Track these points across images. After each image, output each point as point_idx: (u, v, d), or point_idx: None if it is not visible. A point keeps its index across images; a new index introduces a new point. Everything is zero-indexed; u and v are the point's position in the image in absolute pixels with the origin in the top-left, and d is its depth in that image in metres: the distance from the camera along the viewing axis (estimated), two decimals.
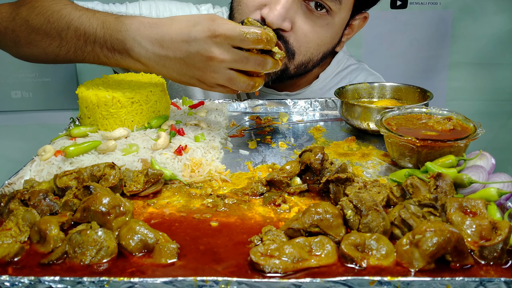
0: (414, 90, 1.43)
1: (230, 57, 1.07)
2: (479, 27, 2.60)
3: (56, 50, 1.22)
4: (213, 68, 1.08)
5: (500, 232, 0.73)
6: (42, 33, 1.22)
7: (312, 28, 1.41)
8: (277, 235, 0.78)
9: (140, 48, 1.10)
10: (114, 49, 1.13)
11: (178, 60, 1.09)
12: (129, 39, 1.11)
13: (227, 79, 1.10)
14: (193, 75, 1.11)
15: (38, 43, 1.24)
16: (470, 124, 1.11)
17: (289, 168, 1.01)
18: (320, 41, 1.46)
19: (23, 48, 1.30)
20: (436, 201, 0.87)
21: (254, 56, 1.08)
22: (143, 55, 1.10)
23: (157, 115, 1.25)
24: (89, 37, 1.15)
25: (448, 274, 0.70)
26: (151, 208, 0.93)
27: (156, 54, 1.10)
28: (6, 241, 0.77)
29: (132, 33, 1.10)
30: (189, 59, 1.08)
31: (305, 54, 1.45)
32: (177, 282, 0.67)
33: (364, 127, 1.32)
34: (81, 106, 1.23)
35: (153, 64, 1.12)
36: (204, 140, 1.18)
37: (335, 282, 0.67)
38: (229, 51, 1.06)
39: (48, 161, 1.06)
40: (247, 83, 1.12)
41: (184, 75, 1.11)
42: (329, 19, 1.42)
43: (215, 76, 1.09)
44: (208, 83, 1.12)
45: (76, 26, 1.16)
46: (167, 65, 1.11)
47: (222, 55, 1.06)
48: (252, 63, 1.09)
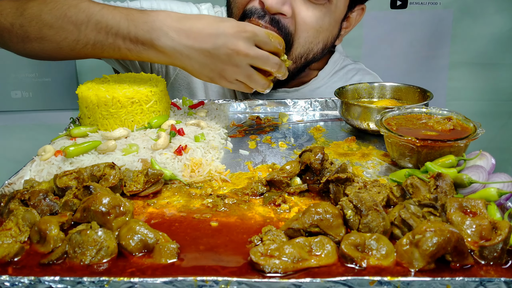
0: (414, 90, 1.43)
1: (254, 53, 1.14)
2: (479, 27, 2.60)
3: (73, 44, 1.22)
4: (236, 61, 1.14)
5: (500, 232, 0.73)
6: (57, 27, 1.22)
7: (312, 13, 1.40)
8: (277, 235, 0.78)
9: (166, 38, 1.13)
10: (138, 40, 1.15)
11: (204, 51, 1.13)
12: (155, 28, 1.14)
13: (247, 75, 1.17)
14: (215, 67, 1.15)
15: (51, 37, 1.24)
16: (470, 124, 1.11)
17: (289, 168, 1.01)
18: (319, 27, 1.44)
19: (32, 44, 1.28)
20: (436, 201, 0.87)
21: (273, 56, 1.17)
22: (169, 44, 1.13)
23: (157, 115, 1.25)
24: (111, 29, 1.17)
25: (448, 274, 0.70)
26: (151, 208, 0.93)
27: (182, 44, 1.13)
28: (6, 241, 0.77)
29: (159, 23, 1.14)
30: (215, 51, 1.13)
31: (304, 44, 1.44)
32: (177, 282, 0.67)
33: (364, 127, 1.32)
34: (81, 106, 1.23)
35: (177, 55, 1.15)
36: (204, 140, 1.18)
37: (335, 282, 0.67)
38: (253, 47, 1.14)
39: (48, 161, 1.06)
40: (263, 82, 1.21)
41: (206, 67, 1.16)
42: (328, 7, 1.42)
43: (236, 70, 1.15)
44: (228, 78, 1.18)
45: (97, 19, 1.18)
46: (191, 56, 1.14)
47: (247, 50, 1.13)
48: (271, 63, 1.18)
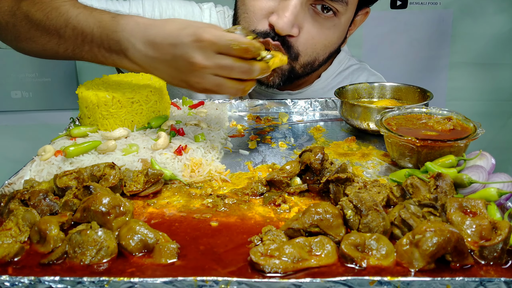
0: (414, 90, 1.43)
1: (213, 64, 1.02)
2: (479, 27, 2.60)
3: (55, 48, 1.21)
4: (197, 74, 1.05)
5: (500, 232, 0.73)
6: (41, 30, 1.21)
7: (320, 30, 1.43)
8: (277, 235, 0.78)
9: (134, 50, 1.08)
10: (111, 49, 1.11)
11: (167, 63, 1.06)
12: (124, 40, 1.09)
13: (214, 85, 1.06)
14: (181, 79, 1.08)
15: (37, 39, 1.23)
16: (470, 124, 1.11)
17: (289, 168, 1.01)
18: (327, 42, 1.48)
19: (23, 43, 1.29)
20: (436, 201, 0.87)
21: (239, 63, 1.03)
22: (137, 56, 1.09)
23: (157, 115, 1.25)
24: (87, 36, 1.13)
25: (448, 274, 0.70)
26: (151, 208, 0.93)
27: (148, 56, 1.07)
28: (6, 241, 0.77)
29: (127, 34, 1.08)
30: (175, 63, 1.05)
31: (311, 55, 1.47)
32: (177, 282, 0.67)
33: (364, 127, 1.32)
34: (81, 106, 1.23)
35: (146, 66, 1.10)
36: (204, 140, 1.18)
37: (335, 282, 0.67)
38: (213, 57, 1.02)
39: (48, 161, 1.06)
40: (236, 88, 1.08)
41: (174, 78, 1.09)
42: (335, 21, 1.44)
43: (200, 81, 1.06)
44: (196, 88, 1.09)
45: (74, 24, 1.15)
46: (158, 68, 1.08)
47: (204, 62, 1.02)
48: (237, 71, 1.04)
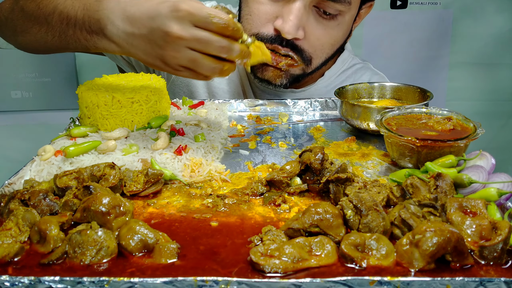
0: (414, 90, 1.43)
1: (189, 35, 0.98)
2: (479, 27, 2.60)
3: (44, 36, 1.21)
4: (173, 46, 1.00)
5: (500, 232, 0.73)
6: (33, 20, 1.22)
7: (324, 31, 1.45)
8: (277, 235, 0.78)
9: (112, 27, 1.06)
10: (92, 30, 1.10)
11: (143, 37, 1.03)
12: (104, 17, 1.07)
13: (189, 60, 1.01)
14: (156, 54, 1.04)
15: (30, 29, 1.24)
16: (470, 124, 1.11)
17: (289, 168, 1.01)
18: (334, 41, 1.51)
19: (19, 37, 1.30)
20: (436, 201, 0.87)
21: (217, 38, 0.98)
22: (114, 33, 1.06)
23: (157, 115, 1.25)
24: (70, 20, 1.13)
25: (448, 274, 0.70)
26: (151, 208, 0.93)
27: (125, 32, 1.05)
28: (6, 241, 0.77)
29: (108, 11, 1.07)
30: (151, 35, 1.01)
31: (321, 56, 1.51)
32: (177, 282, 0.67)
33: (364, 127, 1.32)
34: (81, 106, 1.23)
35: (123, 43, 1.07)
36: (204, 140, 1.18)
37: (335, 282, 0.67)
38: (190, 28, 0.98)
39: (48, 161, 1.06)
40: (213, 66, 1.02)
41: (149, 55, 1.05)
42: (340, 19, 1.46)
43: (176, 55, 1.01)
44: (171, 64, 1.04)
45: (61, 10, 1.15)
46: (134, 44, 1.05)
47: (180, 31, 0.98)
48: (215, 46, 0.99)
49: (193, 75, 1.06)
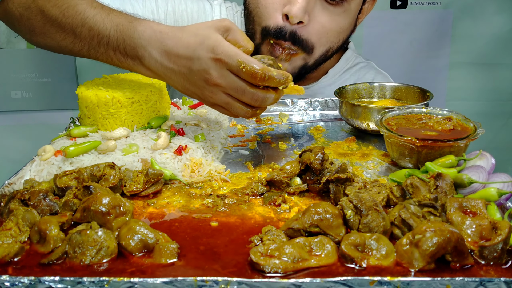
0: (414, 90, 1.43)
1: (226, 83, 1.03)
2: (479, 27, 2.60)
3: (70, 46, 1.20)
4: (211, 89, 1.06)
5: (500, 232, 0.73)
6: (57, 26, 1.19)
7: (330, 17, 1.47)
8: (277, 235, 0.78)
9: (150, 59, 1.09)
10: (127, 54, 1.12)
11: (182, 75, 1.08)
12: (140, 47, 1.09)
13: (224, 103, 1.08)
14: (194, 91, 1.09)
15: (52, 35, 1.21)
16: (470, 124, 1.11)
17: (289, 168, 1.01)
18: (339, 28, 1.52)
19: (38, 38, 1.27)
20: (436, 201, 0.87)
21: (252, 90, 1.03)
22: (152, 65, 1.10)
23: (157, 115, 1.25)
24: (103, 38, 1.13)
25: (448, 274, 0.70)
26: (151, 208, 0.93)
27: (163, 66, 1.08)
28: (6, 241, 0.77)
29: (144, 41, 1.09)
30: (191, 76, 1.06)
31: (325, 44, 1.52)
32: (177, 282, 0.67)
33: (364, 127, 1.32)
34: (81, 106, 1.23)
35: (161, 74, 1.11)
36: (204, 140, 1.18)
37: (335, 282, 0.67)
38: (226, 77, 1.03)
39: (48, 161, 1.06)
40: (245, 111, 1.09)
41: (187, 90, 1.11)
42: (346, 6, 1.48)
43: (213, 96, 1.07)
44: (208, 102, 1.11)
45: (90, 25, 1.14)
46: (173, 78, 1.10)
47: (218, 80, 1.03)
48: (248, 97, 1.05)
49: (227, 113, 1.12)
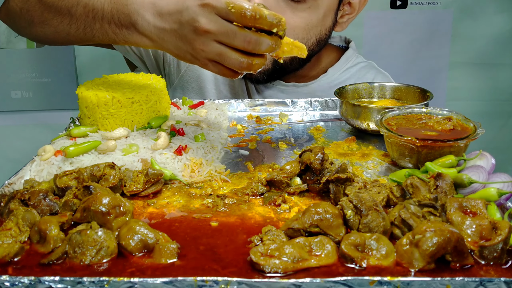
0: (414, 90, 1.43)
1: (216, 28, 0.97)
2: (479, 27, 2.60)
3: (67, 28, 1.20)
4: (202, 39, 0.99)
5: (500, 232, 0.73)
6: (54, 11, 1.20)
7: (293, 14, 1.44)
8: (277, 235, 0.78)
9: (143, 22, 1.07)
10: (122, 24, 1.11)
11: (173, 32, 1.04)
12: (133, 12, 1.07)
13: (217, 54, 1.00)
14: (186, 48, 1.04)
15: (50, 21, 1.22)
16: (470, 124, 1.11)
17: (289, 168, 1.01)
18: (305, 25, 1.48)
19: (36, 28, 1.28)
20: (436, 201, 0.87)
21: (243, 32, 0.96)
22: (146, 28, 1.07)
23: (157, 115, 1.25)
24: (97, 13, 1.13)
25: (448, 274, 0.70)
26: (151, 208, 0.93)
27: (156, 27, 1.06)
28: (6, 241, 0.77)
29: (137, 6, 1.07)
30: (181, 30, 1.02)
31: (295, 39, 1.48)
32: (177, 282, 0.67)
33: (364, 127, 1.32)
34: (81, 106, 1.23)
35: (155, 38, 1.07)
36: (204, 140, 1.18)
37: (335, 282, 0.67)
38: (216, 22, 0.97)
39: (48, 161, 1.06)
40: (240, 60, 0.99)
41: (180, 49, 1.06)
42: (310, 2, 1.45)
43: (204, 49, 1.00)
44: (199, 58, 1.04)
45: (85, 2, 1.14)
46: (166, 39, 1.06)
47: (207, 25, 0.97)
48: (241, 39, 0.97)
49: (221, 70, 1.04)
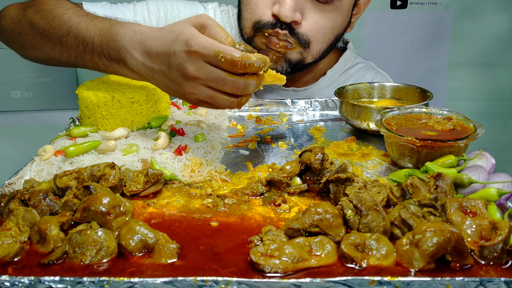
0: (414, 90, 1.43)
1: (204, 75, 0.99)
2: (479, 27, 2.60)
3: (58, 56, 1.21)
4: (191, 84, 1.01)
5: (500, 232, 0.73)
6: (45, 38, 1.21)
7: (322, 14, 1.47)
8: (277, 235, 0.78)
9: (132, 59, 1.08)
10: (111, 58, 1.12)
11: (162, 73, 1.05)
12: (123, 49, 1.08)
13: (207, 97, 1.02)
14: (176, 89, 1.05)
15: (41, 47, 1.24)
16: (470, 124, 1.11)
17: (289, 168, 1.01)
18: (333, 24, 1.52)
19: (29, 51, 1.30)
20: (436, 201, 0.87)
21: (232, 78, 0.98)
22: (135, 66, 1.08)
23: (157, 115, 1.25)
24: (88, 45, 1.14)
25: (448, 274, 0.70)
26: (151, 208, 0.93)
27: (145, 66, 1.06)
28: (6, 241, 0.77)
29: (126, 43, 1.07)
30: (170, 73, 1.03)
31: (323, 40, 1.52)
32: (177, 282, 0.67)
33: (364, 127, 1.32)
34: (81, 106, 1.23)
35: (145, 75, 1.09)
36: (204, 140, 1.18)
37: (335, 282, 0.67)
38: (204, 69, 0.98)
39: (48, 161, 1.06)
40: (229, 102, 1.03)
41: (170, 89, 1.07)
42: (337, 4, 1.48)
43: (194, 92, 1.02)
44: (190, 99, 1.06)
45: (75, 33, 1.15)
46: (155, 78, 1.07)
47: (195, 72, 0.98)
48: (230, 86, 0.99)
49: (213, 107, 1.06)
